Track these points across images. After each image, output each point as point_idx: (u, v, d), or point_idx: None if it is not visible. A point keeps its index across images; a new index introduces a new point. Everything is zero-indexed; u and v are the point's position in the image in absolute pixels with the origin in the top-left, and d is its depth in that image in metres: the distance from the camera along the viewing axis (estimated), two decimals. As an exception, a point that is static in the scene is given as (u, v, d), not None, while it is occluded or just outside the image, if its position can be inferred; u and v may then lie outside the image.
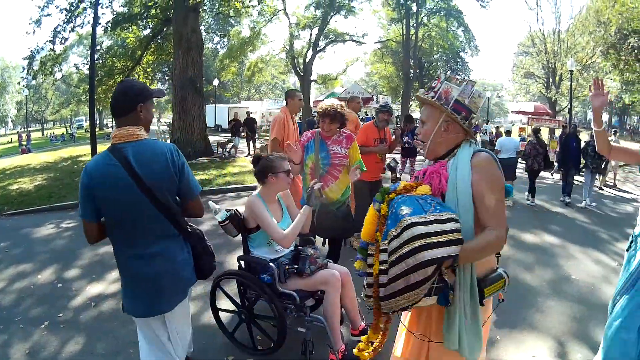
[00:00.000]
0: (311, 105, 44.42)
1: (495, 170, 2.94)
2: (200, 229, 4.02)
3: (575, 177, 16.13)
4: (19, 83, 61.44)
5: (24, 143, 49.90)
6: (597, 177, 16.91)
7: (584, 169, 15.33)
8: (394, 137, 9.63)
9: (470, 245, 2.75)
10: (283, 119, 8.42)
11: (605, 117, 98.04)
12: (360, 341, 5.00)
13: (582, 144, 15.48)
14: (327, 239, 6.69)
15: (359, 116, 10.64)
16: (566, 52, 46.34)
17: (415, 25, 42.93)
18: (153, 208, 3.45)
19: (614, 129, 28.04)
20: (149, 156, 3.43)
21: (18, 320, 6.40)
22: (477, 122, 3.30)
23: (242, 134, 30.94)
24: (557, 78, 48.96)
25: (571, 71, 34.54)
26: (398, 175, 5.30)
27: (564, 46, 47.81)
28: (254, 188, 4.62)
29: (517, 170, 15.62)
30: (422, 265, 2.57)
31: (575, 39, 46.06)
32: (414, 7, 41.89)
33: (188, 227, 3.82)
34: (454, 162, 3.01)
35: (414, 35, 43.29)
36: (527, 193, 15.29)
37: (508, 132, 17.68)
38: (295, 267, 4.92)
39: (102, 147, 5.19)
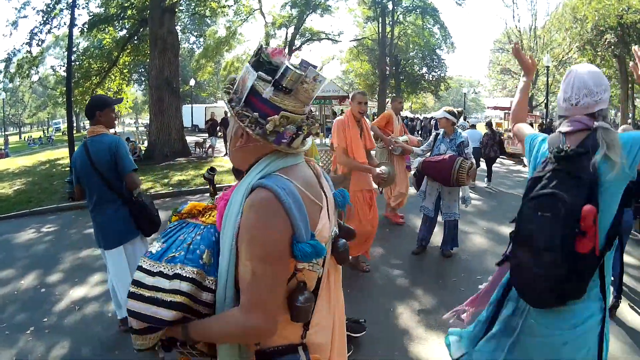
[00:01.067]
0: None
1: (262, 228, 1.91)
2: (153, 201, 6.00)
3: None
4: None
5: (1, 147, 49.52)
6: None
7: None
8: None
9: (206, 322, 2.07)
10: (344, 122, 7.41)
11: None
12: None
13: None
14: None
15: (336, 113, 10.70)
16: (542, 48, 46.68)
17: (391, 23, 42.98)
18: (98, 179, 5.23)
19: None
20: (97, 146, 5.35)
21: (3, 327, 6.43)
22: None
23: (219, 133, 30.95)
24: (533, 74, 49.39)
25: (547, 67, 34.82)
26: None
27: (540, 42, 48.26)
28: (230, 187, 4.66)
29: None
30: (133, 315, 2.06)
31: (551, 35, 46.42)
32: (390, 6, 41.93)
33: (131, 196, 5.57)
34: (237, 189, 2.12)
35: (390, 33, 43.33)
36: (485, 179, 17.22)
37: (473, 126, 20.24)
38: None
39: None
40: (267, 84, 2.04)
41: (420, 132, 42.31)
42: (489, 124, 18.56)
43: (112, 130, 5.85)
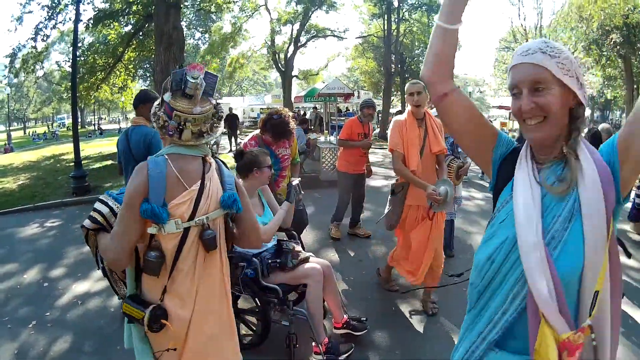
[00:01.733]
0: (292, 101, 44.36)
1: (130, 183, 2.86)
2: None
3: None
4: (0, 82, 61.08)
5: (4, 142, 49.66)
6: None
7: None
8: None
9: (102, 235, 3.03)
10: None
11: (587, 112, 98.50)
12: (342, 334, 5.17)
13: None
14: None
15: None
16: (548, 47, 46.21)
17: (396, 20, 42.88)
18: (133, 164, 4.42)
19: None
20: (136, 135, 6.17)
21: (5, 321, 6.47)
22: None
23: (224, 130, 30.99)
24: (538, 73, 49.23)
25: (553, 68, 34.78)
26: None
27: (545, 41, 47.77)
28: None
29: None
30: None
31: (557, 35, 46.14)
32: (395, 3, 41.83)
33: None
34: None
35: (395, 30, 43.25)
36: (484, 175, 17.90)
37: None
38: (278, 261, 5.03)
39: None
40: (168, 91, 2.99)
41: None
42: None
43: (122, 125, 6.39)
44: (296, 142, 7.00)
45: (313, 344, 4.98)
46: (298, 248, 5.21)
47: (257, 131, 6.50)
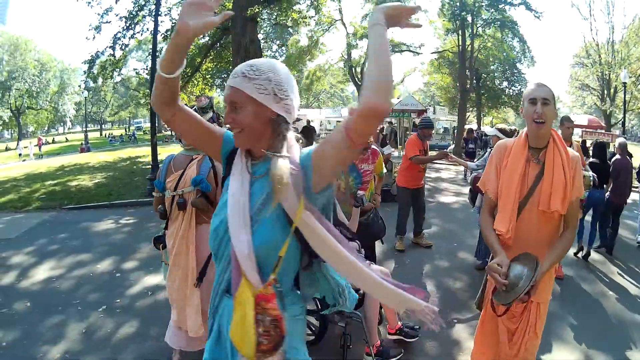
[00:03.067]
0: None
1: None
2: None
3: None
4: (79, 86, 62.46)
5: (82, 142, 50.74)
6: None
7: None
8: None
9: None
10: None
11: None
12: (395, 339, 5.43)
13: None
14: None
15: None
16: (620, 63, 45.53)
17: (470, 36, 42.55)
18: None
19: None
20: None
21: (76, 304, 6.91)
22: None
23: (300, 141, 31.30)
24: (611, 90, 48.12)
25: (624, 83, 34.00)
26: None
27: (618, 57, 46.94)
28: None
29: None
30: None
31: (629, 50, 45.19)
32: (469, 18, 41.56)
33: None
34: None
35: (470, 46, 42.89)
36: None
37: None
38: (339, 266, 5.23)
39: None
40: None
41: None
42: None
43: None
44: (381, 159, 7.13)
45: (365, 345, 5.17)
46: (358, 255, 5.40)
47: None
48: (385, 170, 7.45)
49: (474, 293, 7.51)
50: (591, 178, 7.08)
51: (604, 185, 10.19)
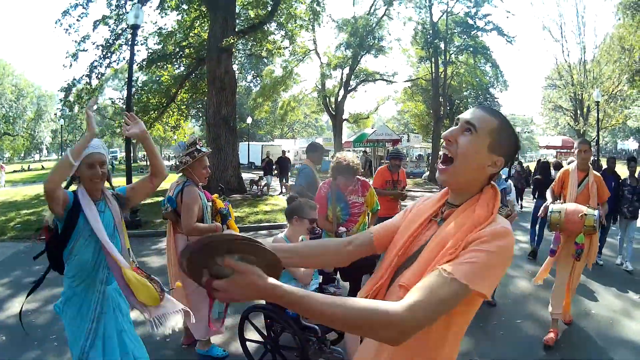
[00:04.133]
0: (342, 146, 44.53)
1: None
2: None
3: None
4: (55, 114, 62.33)
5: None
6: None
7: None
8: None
9: None
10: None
11: (635, 145, 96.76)
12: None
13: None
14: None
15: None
16: (592, 82, 46.22)
17: (443, 63, 42.84)
18: None
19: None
20: None
21: (52, 339, 6.84)
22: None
23: (275, 172, 31.38)
24: (584, 110, 48.71)
25: (597, 102, 34.28)
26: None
27: (590, 76, 47.69)
28: (285, 226, 4.98)
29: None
30: None
31: (600, 69, 45.72)
32: (442, 45, 41.83)
33: None
34: None
35: (443, 73, 43.16)
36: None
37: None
38: (317, 302, 5.32)
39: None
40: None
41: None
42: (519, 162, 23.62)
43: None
44: (373, 192, 7.14)
45: None
46: (338, 292, 5.52)
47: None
48: (378, 207, 7.40)
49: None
50: (595, 218, 6.57)
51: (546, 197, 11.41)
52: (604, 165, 15.60)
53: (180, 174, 6.12)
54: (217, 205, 6.41)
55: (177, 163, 6.03)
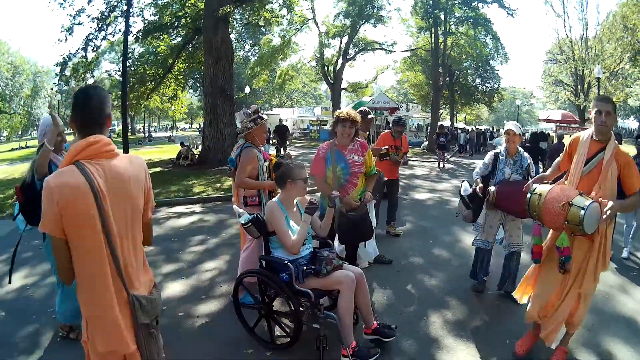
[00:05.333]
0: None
1: None
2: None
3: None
4: (51, 89, 62.01)
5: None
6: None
7: None
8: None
9: None
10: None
11: (635, 124, 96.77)
12: (372, 340, 5.32)
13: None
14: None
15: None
16: (594, 59, 45.88)
17: (443, 33, 42.59)
18: None
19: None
20: None
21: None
22: None
23: (273, 141, 31.19)
24: (585, 85, 48.48)
25: (598, 78, 34.15)
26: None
27: (591, 53, 47.38)
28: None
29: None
30: None
31: (602, 46, 45.50)
32: (442, 16, 41.56)
33: None
34: None
35: (443, 43, 42.94)
36: None
37: (499, 135, 27.14)
38: (312, 267, 5.22)
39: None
40: None
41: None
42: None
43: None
44: (370, 153, 6.87)
45: (342, 346, 5.12)
46: (332, 256, 5.39)
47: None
48: (375, 172, 6.99)
49: (450, 290, 7.50)
50: (583, 212, 5.01)
51: (539, 164, 15.56)
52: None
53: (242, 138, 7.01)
54: (273, 162, 6.76)
55: (242, 128, 6.92)
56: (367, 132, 9.58)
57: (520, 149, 7.14)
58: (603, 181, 4.92)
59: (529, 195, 5.22)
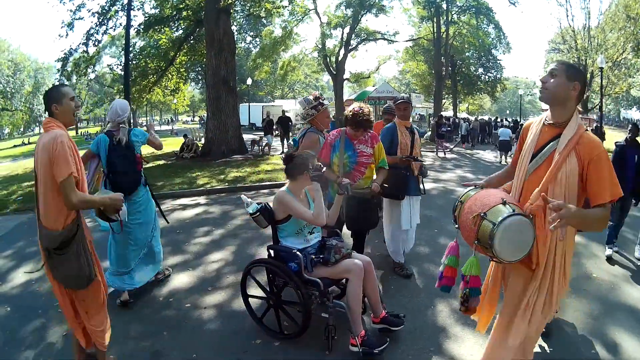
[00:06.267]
0: (344, 104, 44.39)
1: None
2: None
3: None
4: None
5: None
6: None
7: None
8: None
9: None
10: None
11: (638, 114, 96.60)
12: (381, 329, 5.28)
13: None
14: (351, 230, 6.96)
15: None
16: (596, 48, 45.56)
17: (445, 23, 42.63)
18: None
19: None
20: None
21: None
22: None
23: (276, 132, 31.18)
24: (588, 75, 48.39)
25: (601, 68, 34.09)
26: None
27: (594, 42, 47.03)
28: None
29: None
30: None
31: (605, 35, 45.35)
32: (444, 5, 41.59)
33: None
34: None
35: (445, 33, 42.98)
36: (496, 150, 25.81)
37: (503, 125, 31.45)
38: (321, 256, 5.20)
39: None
40: None
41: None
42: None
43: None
44: (381, 146, 6.82)
45: (350, 336, 5.09)
46: (341, 245, 5.37)
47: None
48: (386, 165, 6.85)
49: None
50: (494, 227, 3.89)
51: None
52: (613, 136, 14.96)
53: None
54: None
55: (305, 115, 7.15)
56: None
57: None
58: (551, 182, 3.49)
59: (456, 202, 4.12)
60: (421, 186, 7.98)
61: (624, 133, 12.32)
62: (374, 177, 6.78)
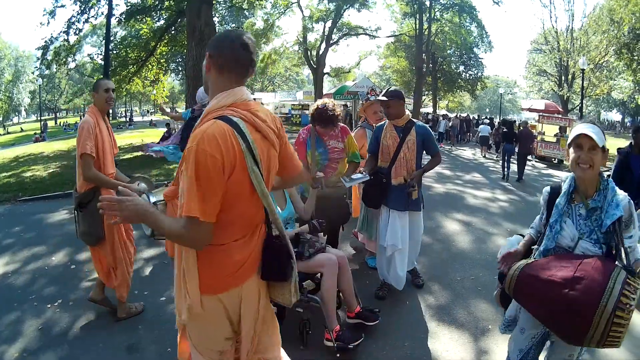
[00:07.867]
0: (323, 97, 44.46)
1: None
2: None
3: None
4: (32, 72, 61.63)
5: (38, 132, 50.28)
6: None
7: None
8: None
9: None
10: None
11: (618, 117, 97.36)
12: (355, 324, 5.26)
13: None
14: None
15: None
16: (579, 50, 45.92)
17: (428, 20, 42.81)
18: None
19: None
20: None
21: (32, 299, 6.64)
22: None
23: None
24: (569, 76, 48.71)
25: (583, 70, 34.34)
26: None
27: (576, 44, 47.46)
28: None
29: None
30: None
31: (588, 38, 45.69)
32: (427, 2, 41.78)
33: None
34: None
35: (427, 30, 43.17)
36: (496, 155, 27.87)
37: (484, 123, 34.13)
38: (295, 250, 5.11)
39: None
40: None
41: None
42: (504, 122, 26.35)
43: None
44: (352, 138, 6.69)
45: (325, 330, 5.11)
46: (315, 239, 5.35)
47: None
48: (358, 160, 6.72)
49: (433, 275, 7.57)
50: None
51: (513, 143, 19.74)
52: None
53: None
54: None
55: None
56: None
57: (612, 185, 3.29)
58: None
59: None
60: (411, 200, 6.57)
61: (610, 136, 12.38)
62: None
